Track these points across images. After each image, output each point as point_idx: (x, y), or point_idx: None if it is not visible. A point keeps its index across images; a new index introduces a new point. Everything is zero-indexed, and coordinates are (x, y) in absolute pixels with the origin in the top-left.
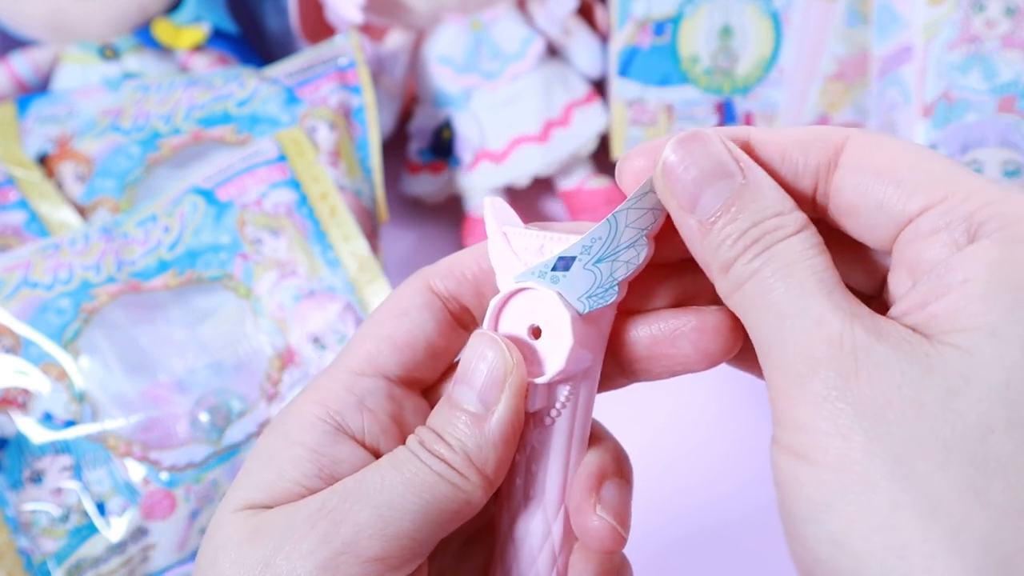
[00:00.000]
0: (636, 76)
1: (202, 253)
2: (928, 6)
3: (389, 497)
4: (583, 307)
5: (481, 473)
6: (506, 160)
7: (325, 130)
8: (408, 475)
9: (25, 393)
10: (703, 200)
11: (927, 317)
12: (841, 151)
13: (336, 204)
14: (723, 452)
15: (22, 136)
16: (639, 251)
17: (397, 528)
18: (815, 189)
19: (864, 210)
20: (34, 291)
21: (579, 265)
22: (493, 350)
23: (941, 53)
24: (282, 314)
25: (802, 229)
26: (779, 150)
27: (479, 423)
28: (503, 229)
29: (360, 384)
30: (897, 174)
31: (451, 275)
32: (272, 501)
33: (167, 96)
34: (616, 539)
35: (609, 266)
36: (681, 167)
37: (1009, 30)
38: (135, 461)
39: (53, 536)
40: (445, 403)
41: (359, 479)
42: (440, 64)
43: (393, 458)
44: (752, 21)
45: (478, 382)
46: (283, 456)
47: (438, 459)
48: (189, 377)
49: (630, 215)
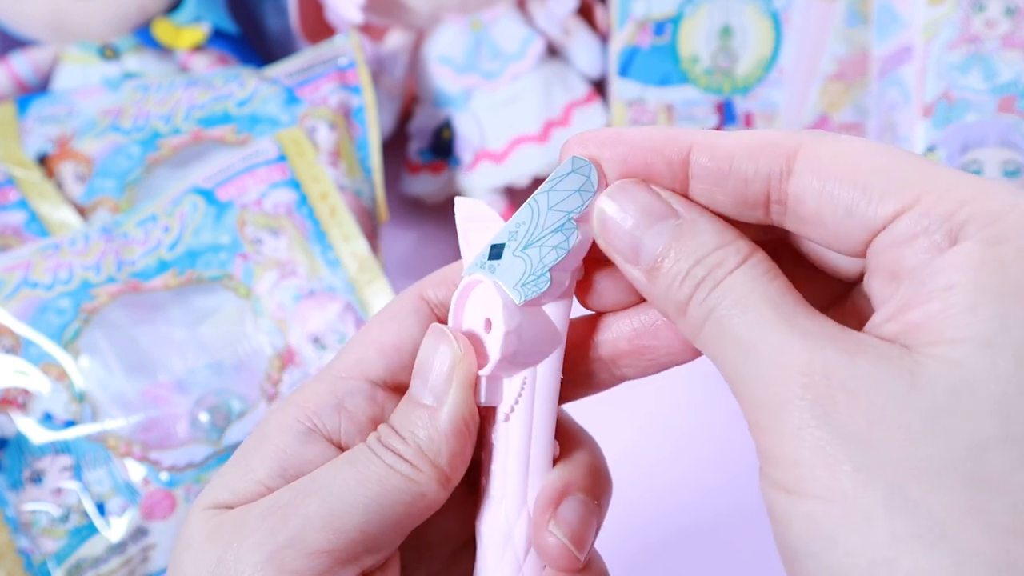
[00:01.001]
0: (636, 76)
1: (202, 253)
2: (928, 6)
3: (339, 490)
4: (518, 296)
5: (434, 465)
6: (506, 160)
7: (325, 130)
8: (360, 468)
9: (25, 393)
10: (643, 248)
11: (908, 327)
12: (795, 158)
13: (336, 204)
14: (706, 451)
15: (22, 136)
16: (567, 235)
17: (346, 521)
18: (767, 197)
19: (830, 218)
20: (34, 291)
21: (508, 252)
22: (443, 343)
23: (941, 53)
24: (282, 314)
25: (748, 257)
26: (726, 156)
27: (431, 415)
28: (466, 226)
29: (342, 386)
30: (863, 177)
31: (443, 284)
32: (235, 500)
33: (167, 96)
34: (568, 559)
35: (537, 252)
36: (616, 219)
37: (1009, 30)
38: (135, 461)
39: (53, 536)
40: (404, 399)
41: (314, 475)
42: (440, 64)
43: (349, 454)
44: (752, 21)
45: (430, 375)
46: (253, 456)
47: (391, 451)
48: (189, 377)
49: (551, 197)
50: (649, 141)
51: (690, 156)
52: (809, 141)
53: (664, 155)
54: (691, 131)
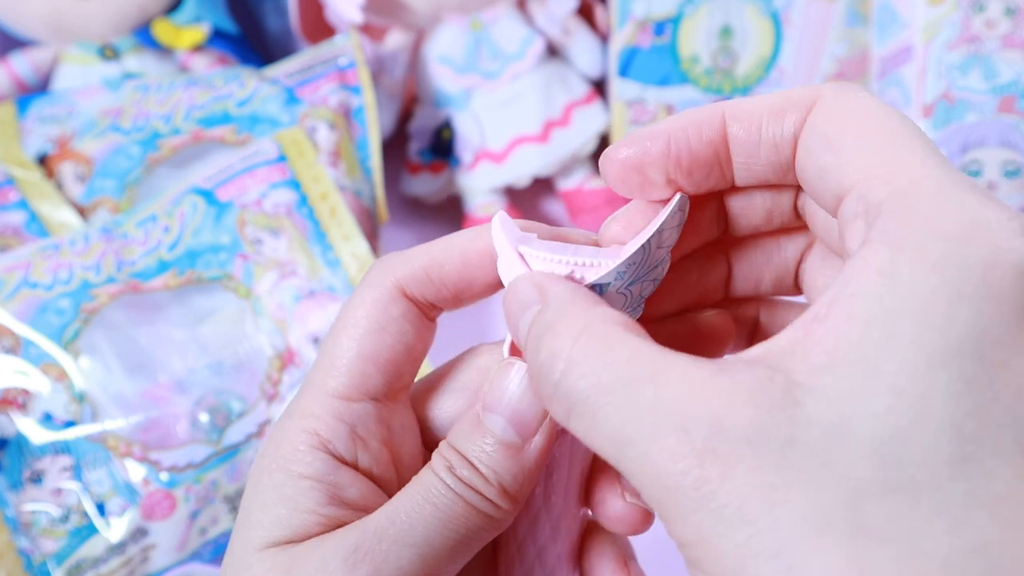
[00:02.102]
0: (636, 76)
1: (202, 253)
2: (928, 6)
3: (426, 535)
4: None
5: (514, 500)
6: (506, 160)
7: (325, 130)
8: (443, 509)
9: (25, 393)
10: (519, 334)
11: (809, 341)
12: (809, 112)
13: (336, 204)
14: None
15: (22, 136)
16: (664, 267)
17: (436, 565)
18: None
19: (811, 176)
20: (34, 291)
21: (612, 290)
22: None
23: (941, 53)
24: (282, 314)
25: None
26: (756, 122)
27: (514, 453)
28: (519, 249)
29: (350, 411)
30: (840, 141)
31: (428, 280)
32: (295, 536)
33: (167, 96)
34: (646, 518)
35: (640, 286)
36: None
37: (1009, 30)
38: (135, 461)
39: (53, 536)
40: (472, 426)
41: (391, 515)
42: (440, 64)
43: (423, 488)
44: (752, 21)
45: (515, 414)
46: (291, 490)
47: (472, 490)
48: (189, 377)
49: (663, 236)
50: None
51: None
52: (826, 95)
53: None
54: (723, 103)
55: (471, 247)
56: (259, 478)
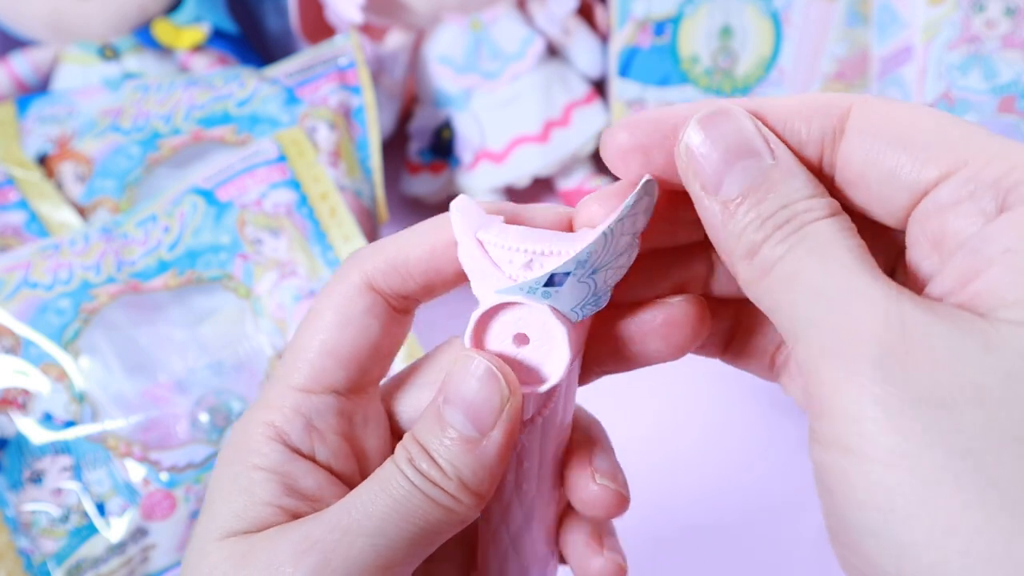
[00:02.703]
0: (636, 76)
1: (202, 253)
2: (928, 6)
3: (381, 526)
4: (575, 316)
5: (476, 495)
6: (506, 160)
7: (325, 130)
8: (401, 501)
9: (25, 393)
10: (728, 181)
11: (971, 296)
12: (847, 117)
13: (336, 204)
14: (718, 449)
15: (22, 136)
16: (631, 254)
17: (391, 558)
18: (820, 161)
19: (875, 180)
20: (34, 291)
21: (573, 279)
22: (491, 383)
23: (941, 53)
24: (282, 314)
25: (836, 213)
26: (780, 119)
27: (473, 447)
28: (478, 236)
29: (307, 403)
30: (909, 139)
31: (395, 272)
32: (253, 527)
33: (167, 96)
34: (620, 501)
35: (603, 275)
36: (706, 146)
37: (1009, 30)
38: (135, 461)
39: (53, 536)
40: (434, 418)
41: (347, 506)
42: (440, 64)
43: (382, 480)
44: (752, 21)
45: (471, 408)
46: (247, 482)
47: (431, 483)
48: (189, 377)
49: (625, 223)
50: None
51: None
52: (861, 102)
53: None
54: (741, 100)
55: (437, 236)
56: (220, 470)
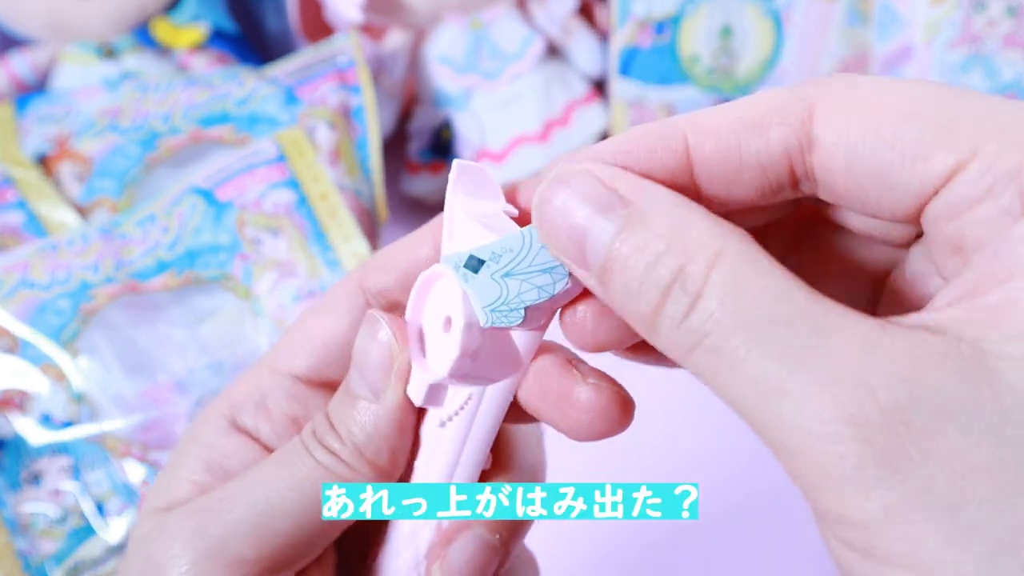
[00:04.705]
0: (636, 76)
1: (201, 253)
2: (929, 6)
3: (268, 494)
4: (485, 318)
5: (372, 464)
6: (506, 160)
7: (325, 130)
8: (292, 470)
9: (23, 394)
10: (589, 249)
11: (983, 311)
12: (812, 119)
13: (336, 204)
14: (702, 444)
15: (20, 136)
16: (555, 280)
17: (274, 527)
18: (792, 176)
19: (870, 190)
20: (32, 291)
21: (487, 272)
22: (380, 331)
23: (942, 53)
24: (282, 314)
25: (723, 249)
26: (731, 138)
27: (369, 410)
28: (453, 202)
29: (266, 382)
30: (896, 132)
31: (383, 269)
32: (172, 502)
33: (166, 96)
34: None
35: (518, 284)
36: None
37: (1010, 30)
38: (134, 462)
39: (51, 537)
40: (341, 390)
41: (243, 476)
42: (440, 64)
43: (281, 453)
44: (752, 21)
45: (367, 366)
46: (179, 458)
47: (325, 450)
48: (189, 377)
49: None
50: (634, 152)
51: (689, 152)
52: (823, 97)
53: (659, 160)
54: (678, 119)
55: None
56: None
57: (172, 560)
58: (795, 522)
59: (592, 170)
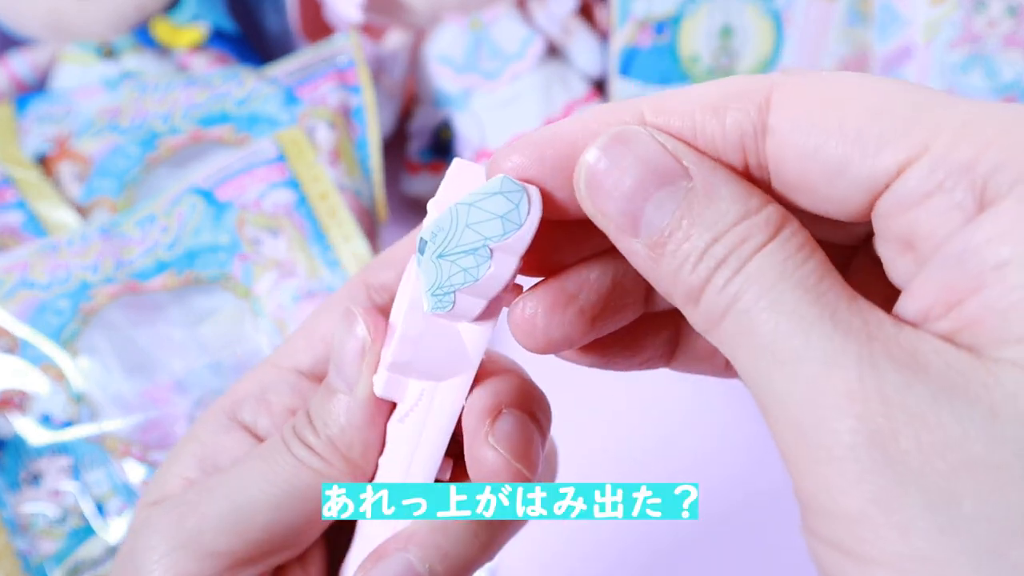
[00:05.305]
0: (636, 76)
1: (201, 253)
2: (929, 6)
3: (246, 487)
4: (427, 303)
5: (346, 458)
6: None
7: (324, 130)
8: (270, 463)
9: (23, 394)
10: (645, 218)
11: (966, 323)
12: (768, 106)
13: (336, 204)
14: (702, 444)
15: (20, 136)
16: (479, 263)
17: (249, 520)
18: (746, 165)
19: (820, 181)
20: (32, 291)
21: (429, 252)
22: (354, 325)
23: (942, 53)
24: (281, 314)
25: (778, 231)
26: (687, 120)
27: (343, 404)
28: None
29: (269, 377)
30: (851, 124)
31: (386, 266)
32: (161, 496)
33: (165, 96)
34: (513, 476)
35: (447, 267)
36: (610, 181)
37: (1011, 29)
38: (134, 462)
39: (51, 537)
40: (322, 385)
41: (228, 469)
42: (440, 64)
43: (262, 447)
44: (752, 21)
45: (343, 360)
46: (179, 452)
47: (302, 444)
48: (188, 377)
49: (471, 214)
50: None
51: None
52: (782, 84)
53: None
54: (640, 99)
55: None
56: None
57: (147, 552)
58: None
59: (654, 134)
